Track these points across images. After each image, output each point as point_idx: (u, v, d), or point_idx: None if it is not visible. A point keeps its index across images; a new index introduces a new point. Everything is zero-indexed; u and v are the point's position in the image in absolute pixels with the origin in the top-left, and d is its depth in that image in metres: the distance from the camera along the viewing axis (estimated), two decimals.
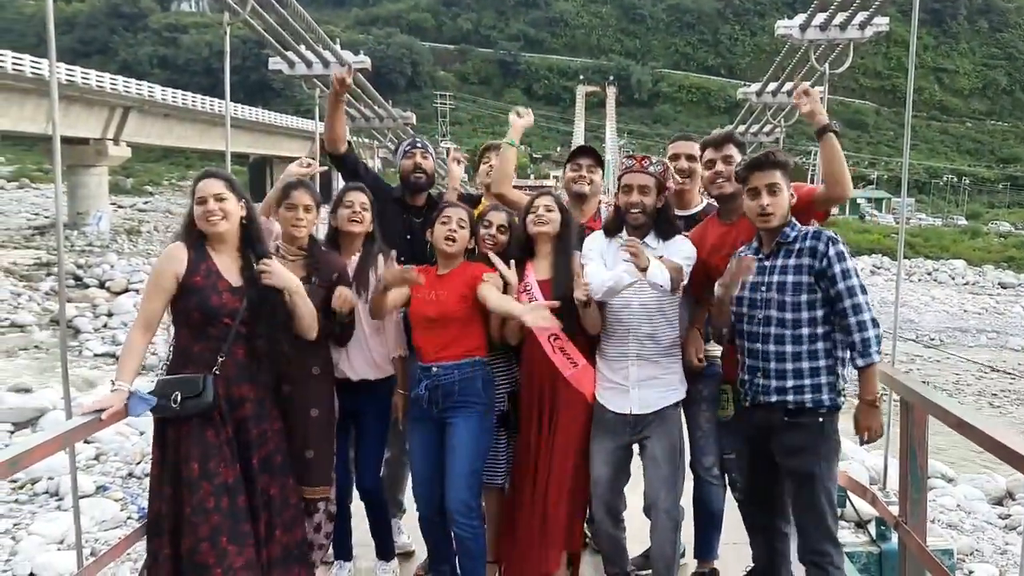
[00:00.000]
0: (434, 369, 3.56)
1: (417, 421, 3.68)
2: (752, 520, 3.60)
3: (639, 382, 3.48)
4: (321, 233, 3.93)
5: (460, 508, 3.48)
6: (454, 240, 3.59)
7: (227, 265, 3.25)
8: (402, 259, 3.97)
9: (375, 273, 3.76)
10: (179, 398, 3.07)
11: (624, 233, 3.55)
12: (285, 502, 3.38)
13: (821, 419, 3.19)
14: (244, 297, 3.22)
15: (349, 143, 4.41)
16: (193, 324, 3.17)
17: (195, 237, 3.24)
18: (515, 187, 4.26)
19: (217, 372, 3.15)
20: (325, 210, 3.91)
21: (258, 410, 3.31)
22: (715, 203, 3.87)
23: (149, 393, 3.08)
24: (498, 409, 3.73)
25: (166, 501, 3.12)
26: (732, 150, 3.71)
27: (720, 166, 3.67)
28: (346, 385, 3.77)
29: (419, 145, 4.45)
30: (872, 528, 5.26)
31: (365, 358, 3.79)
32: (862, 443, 3.30)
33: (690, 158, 3.96)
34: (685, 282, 3.43)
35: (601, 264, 3.51)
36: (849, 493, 4.98)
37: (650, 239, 3.50)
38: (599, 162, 4.13)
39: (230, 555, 3.10)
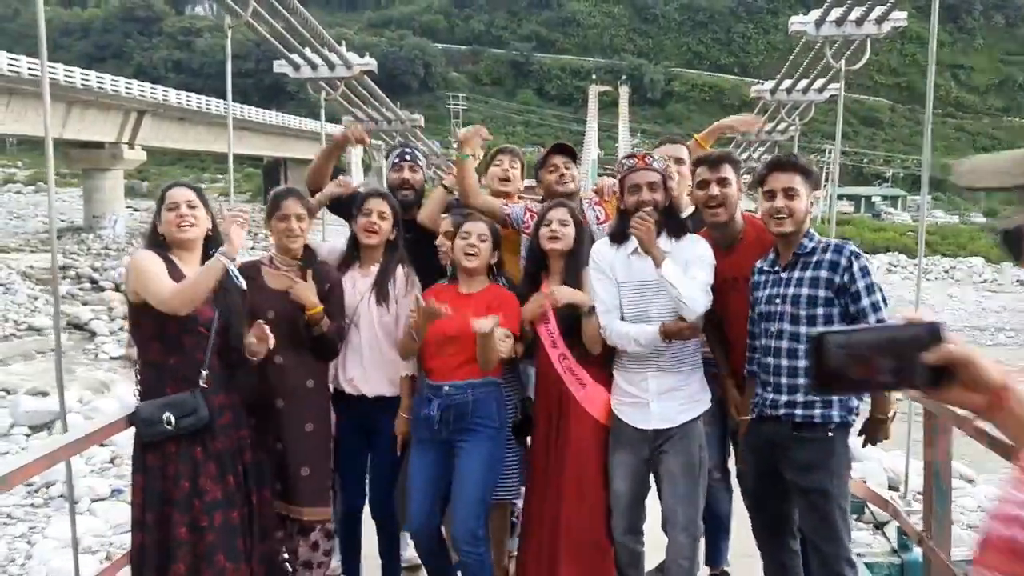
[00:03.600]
0: (446, 388, 3.40)
1: (423, 443, 3.51)
2: (761, 538, 3.47)
3: (659, 394, 3.30)
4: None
5: (467, 537, 3.34)
6: (475, 255, 3.44)
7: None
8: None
9: (394, 286, 3.64)
10: (172, 420, 3.00)
11: (634, 241, 3.39)
12: (260, 512, 3.31)
13: (831, 433, 3.07)
14: (215, 306, 3.15)
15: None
16: (167, 336, 3.08)
17: (161, 247, 3.19)
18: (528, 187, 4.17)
19: (204, 386, 3.08)
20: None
21: (235, 418, 3.25)
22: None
23: (131, 415, 3.07)
24: (509, 420, 3.61)
25: (150, 529, 3.04)
26: (728, 171, 3.46)
27: (715, 189, 3.42)
28: (361, 401, 3.65)
29: (408, 157, 4.23)
30: (892, 533, 5.14)
31: (383, 374, 3.65)
32: (864, 444, 3.20)
33: (677, 161, 3.82)
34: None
35: (615, 306, 3.36)
36: (869, 504, 4.86)
37: (662, 240, 3.31)
38: (574, 158, 4.06)
39: (227, 572, 3.04)
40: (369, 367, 3.64)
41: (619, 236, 3.42)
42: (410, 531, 3.53)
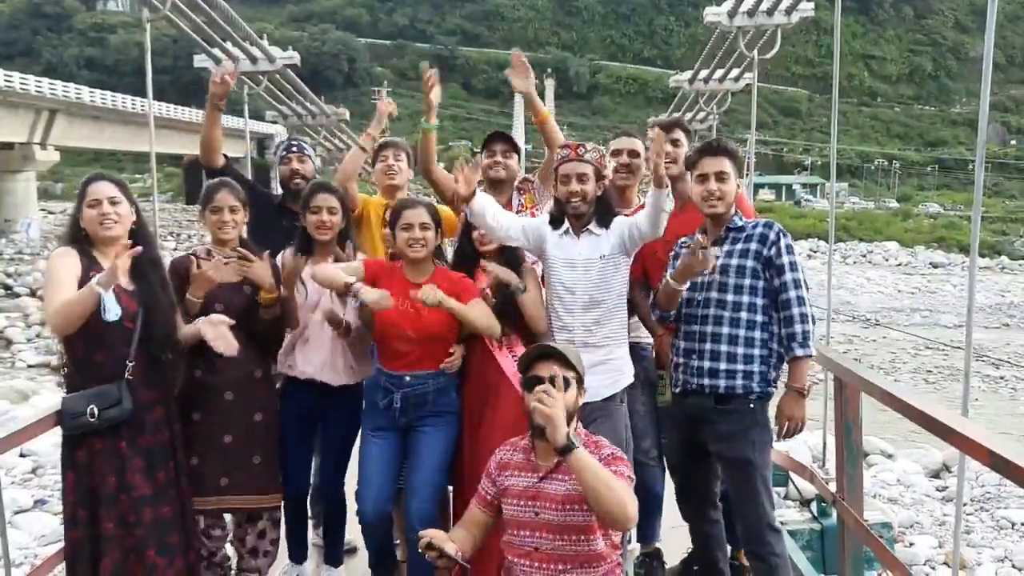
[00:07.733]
0: (407, 378, 3.41)
1: (381, 431, 3.50)
2: (684, 509, 3.62)
3: (587, 368, 3.42)
4: None
5: (423, 517, 3.32)
6: (422, 245, 3.41)
7: None
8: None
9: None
10: (96, 411, 2.96)
11: (567, 223, 3.49)
12: (189, 508, 3.33)
13: (752, 405, 3.22)
14: (139, 300, 3.11)
15: (225, 156, 4.20)
16: (91, 332, 3.01)
17: (82, 243, 3.13)
18: None
19: (130, 377, 3.05)
20: None
21: (167, 414, 3.23)
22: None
23: (59, 412, 3.02)
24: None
25: (82, 525, 3.02)
26: (680, 135, 3.77)
27: (667, 147, 3.61)
28: (312, 388, 3.64)
29: (295, 149, 4.24)
30: (814, 506, 5.36)
31: (346, 363, 3.64)
32: (779, 435, 3.29)
33: (632, 154, 3.93)
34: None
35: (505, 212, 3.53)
36: (791, 473, 5.06)
37: (592, 227, 3.46)
38: (514, 147, 4.13)
39: (159, 568, 3.04)
40: (318, 355, 3.63)
41: (555, 221, 3.54)
42: (364, 519, 3.48)
